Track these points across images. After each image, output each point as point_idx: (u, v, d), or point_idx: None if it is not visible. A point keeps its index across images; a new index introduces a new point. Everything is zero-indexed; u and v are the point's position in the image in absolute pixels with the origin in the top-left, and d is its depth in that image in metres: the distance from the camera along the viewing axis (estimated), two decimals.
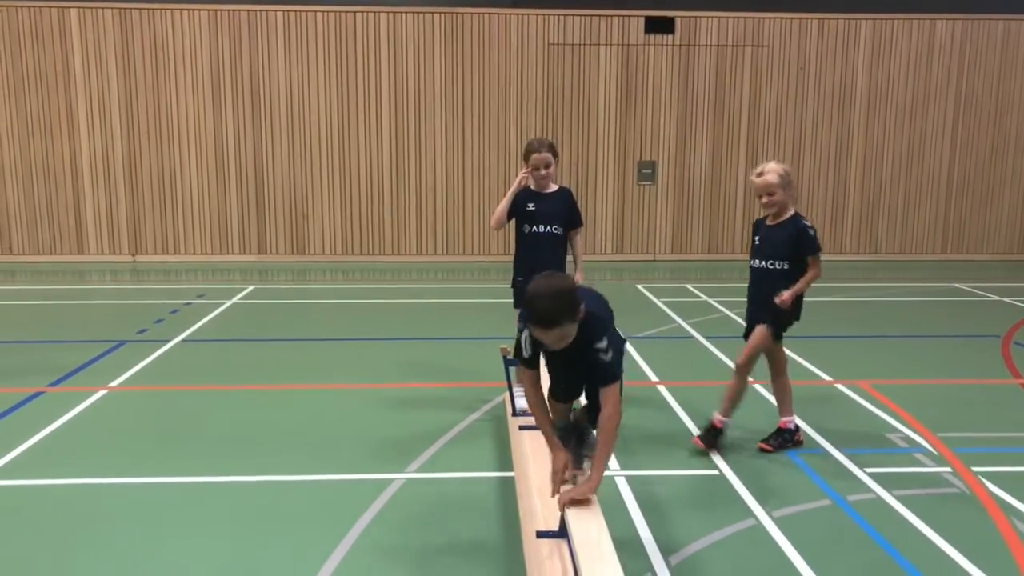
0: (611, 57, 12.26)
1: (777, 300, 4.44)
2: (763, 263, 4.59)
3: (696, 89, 12.42)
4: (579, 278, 5.28)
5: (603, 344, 2.98)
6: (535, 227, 5.10)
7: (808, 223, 4.55)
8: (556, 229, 5.12)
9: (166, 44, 11.79)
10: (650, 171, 12.45)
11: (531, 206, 5.07)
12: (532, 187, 5.10)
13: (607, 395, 3.01)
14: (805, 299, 4.64)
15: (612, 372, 3.00)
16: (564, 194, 5.20)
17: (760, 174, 4.52)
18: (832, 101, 12.57)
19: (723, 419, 4.66)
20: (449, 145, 12.32)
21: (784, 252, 4.51)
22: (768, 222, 4.62)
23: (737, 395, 4.68)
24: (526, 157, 5.05)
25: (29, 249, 12.16)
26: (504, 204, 5.09)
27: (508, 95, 12.24)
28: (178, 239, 12.32)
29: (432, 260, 12.47)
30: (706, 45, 12.29)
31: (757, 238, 4.68)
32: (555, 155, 5.07)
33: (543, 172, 5.02)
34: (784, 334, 4.70)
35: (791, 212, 4.54)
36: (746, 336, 4.72)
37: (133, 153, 12.03)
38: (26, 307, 9.20)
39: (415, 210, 12.47)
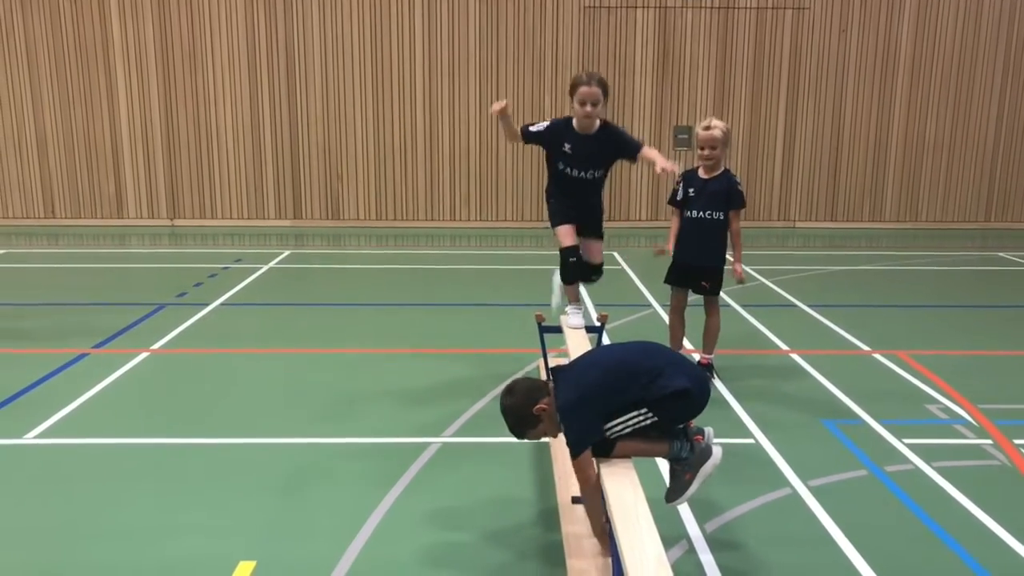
0: (648, 20, 12.05)
1: (735, 279, 5.16)
2: (700, 213, 5.03)
3: (735, 53, 12.17)
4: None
5: (563, 428, 3.01)
6: (569, 169, 4.59)
7: (738, 179, 5.05)
8: (593, 174, 4.60)
9: (202, 9, 11.81)
10: (687, 136, 12.27)
11: (567, 147, 4.53)
12: (575, 126, 4.52)
13: (574, 467, 3.01)
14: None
15: (572, 446, 2.96)
16: (608, 134, 4.57)
17: (707, 128, 4.93)
18: (874, 64, 12.24)
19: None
20: (483, 110, 12.23)
21: (719, 204, 4.99)
22: (702, 174, 5.06)
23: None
24: (572, 91, 4.46)
25: (71, 213, 12.36)
26: (508, 128, 4.55)
27: (543, 59, 12.09)
28: (215, 204, 12.44)
29: (465, 226, 12.47)
30: (745, 8, 12.01)
31: (692, 190, 5.06)
32: (605, 93, 4.45)
33: (588, 109, 4.39)
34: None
35: (723, 167, 5.02)
36: (680, 279, 5.27)
37: (171, 118, 12.12)
38: (70, 270, 9.37)
39: (448, 176, 12.44)
